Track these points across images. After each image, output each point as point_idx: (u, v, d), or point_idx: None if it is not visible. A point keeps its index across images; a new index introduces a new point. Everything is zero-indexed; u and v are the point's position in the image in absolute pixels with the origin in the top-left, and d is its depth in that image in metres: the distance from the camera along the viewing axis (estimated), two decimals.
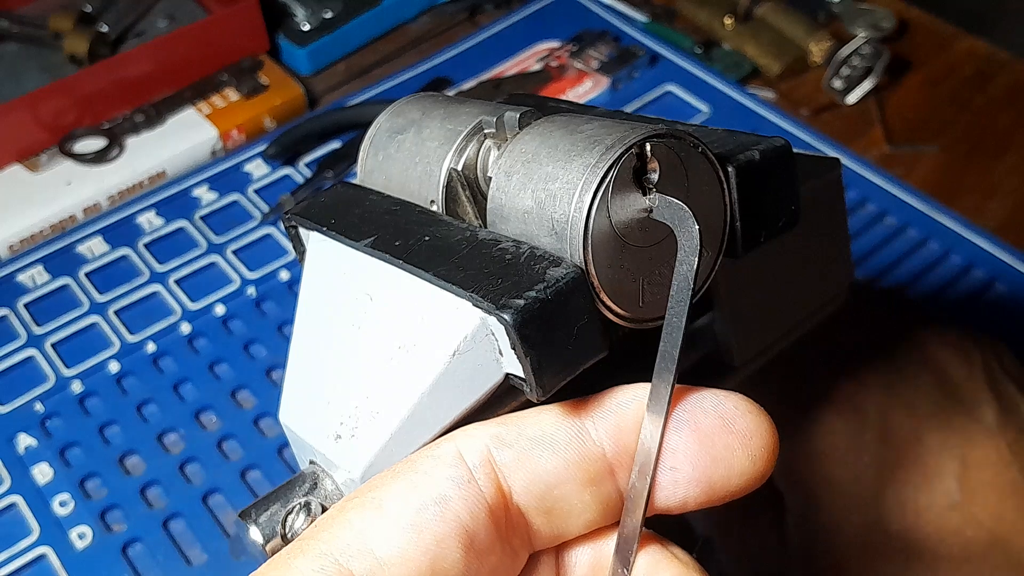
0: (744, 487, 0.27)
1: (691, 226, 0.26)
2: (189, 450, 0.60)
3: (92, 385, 0.63)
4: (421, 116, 0.33)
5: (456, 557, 0.25)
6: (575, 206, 0.26)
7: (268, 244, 0.72)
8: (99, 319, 0.67)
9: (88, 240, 0.72)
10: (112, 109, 0.79)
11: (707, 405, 0.27)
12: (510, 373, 0.27)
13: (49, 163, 0.76)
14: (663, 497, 0.27)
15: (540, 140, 0.28)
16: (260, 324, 0.66)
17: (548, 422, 0.27)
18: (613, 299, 0.27)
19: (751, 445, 0.26)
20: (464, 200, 0.30)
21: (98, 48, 0.82)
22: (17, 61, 0.83)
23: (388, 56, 0.88)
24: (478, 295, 0.26)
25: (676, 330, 0.26)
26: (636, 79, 0.82)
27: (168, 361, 0.65)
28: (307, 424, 0.30)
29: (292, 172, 0.76)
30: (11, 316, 0.67)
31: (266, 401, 0.62)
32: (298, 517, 0.29)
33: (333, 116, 0.78)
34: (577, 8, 0.89)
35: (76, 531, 0.56)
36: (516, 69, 0.83)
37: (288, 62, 0.86)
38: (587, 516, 0.27)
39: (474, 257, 0.27)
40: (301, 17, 0.87)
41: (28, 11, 0.86)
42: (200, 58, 0.81)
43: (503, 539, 0.26)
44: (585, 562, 0.28)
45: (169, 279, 0.69)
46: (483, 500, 0.25)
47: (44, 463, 0.60)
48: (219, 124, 0.79)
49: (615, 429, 0.27)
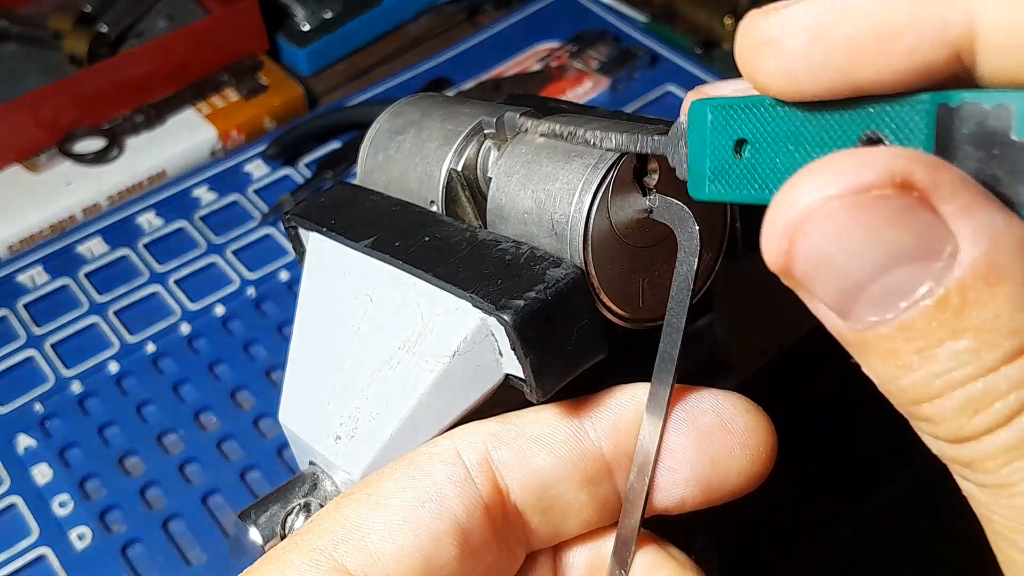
0: (743, 487, 0.27)
1: (691, 227, 0.26)
2: (189, 451, 0.60)
3: (92, 386, 0.63)
4: (421, 117, 0.33)
5: (451, 554, 0.25)
6: (575, 206, 0.26)
7: (268, 244, 0.72)
8: (99, 319, 0.67)
9: (88, 240, 0.72)
10: (112, 109, 0.79)
11: (706, 405, 0.27)
12: (510, 374, 0.27)
13: (49, 163, 0.76)
14: (661, 497, 0.27)
15: (543, 140, 0.28)
16: (260, 324, 0.66)
17: (546, 421, 0.27)
18: (613, 300, 0.27)
19: (749, 445, 0.26)
20: (464, 201, 0.30)
21: (98, 48, 0.82)
22: (17, 61, 0.83)
23: (388, 56, 0.88)
24: (478, 296, 0.26)
25: (676, 331, 0.26)
26: (636, 79, 0.82)
27: (168, 361, 0.65)
28: (307, 425, 0.30)
29: (292, 172, 0.76)
30: (11, 316, 0.67)
31: (266, 402, 0.62)
32: (297, 518, 0.29)
33: (333, 116, 0.78)
34: (577, 8, 0.89)
35: (76, 532, 0.56)
36: (516, 69, 0.83)
37: (288, 62, 0.86)
38: (584, 516, 0.27)
39: (474, 258, 0.27)
40: (301, 17, 0.87)
41: (28, 11, 0.86)
42: (200, 58, 0.81)
43: (499, 538, 0.26)
44: (583, 562, 0.28)
45: (169, 279, 0.69)
46: (479, 498, 0.25)
47: (44, 463, 0.59)
48: (219, 124, 0.79)
49: (613, 429, 0.27)
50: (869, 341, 0.18)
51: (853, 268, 0.18)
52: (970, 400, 0.18)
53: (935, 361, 0.18)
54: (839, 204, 0.18)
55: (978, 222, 0.17)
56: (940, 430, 0.18)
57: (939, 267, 0.17)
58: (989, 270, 0.17)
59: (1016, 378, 0.17)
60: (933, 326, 0.18)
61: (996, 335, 0.17)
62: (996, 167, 0.18)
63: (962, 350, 0.17)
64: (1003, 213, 0.17)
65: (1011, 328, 0.17)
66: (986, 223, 0.17)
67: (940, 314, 0.17)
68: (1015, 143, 0.17)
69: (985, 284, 0.17)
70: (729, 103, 0.22)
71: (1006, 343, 0.17)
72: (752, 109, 0.22)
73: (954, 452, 0.19)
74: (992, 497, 0.18)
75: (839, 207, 0.18)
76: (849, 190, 0.18)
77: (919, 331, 0.18)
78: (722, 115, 0.22)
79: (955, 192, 0.17)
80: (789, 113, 0.21)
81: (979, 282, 0.17)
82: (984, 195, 0.18)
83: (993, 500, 0.18)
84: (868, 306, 0.18)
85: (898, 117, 0.19)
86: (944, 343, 0.18)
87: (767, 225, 0.19)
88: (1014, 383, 0.17)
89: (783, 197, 0.18)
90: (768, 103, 0.21)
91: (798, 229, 0.18)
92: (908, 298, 0.18)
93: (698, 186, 0.23)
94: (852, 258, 0.18)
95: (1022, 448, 0.18)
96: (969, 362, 0.17)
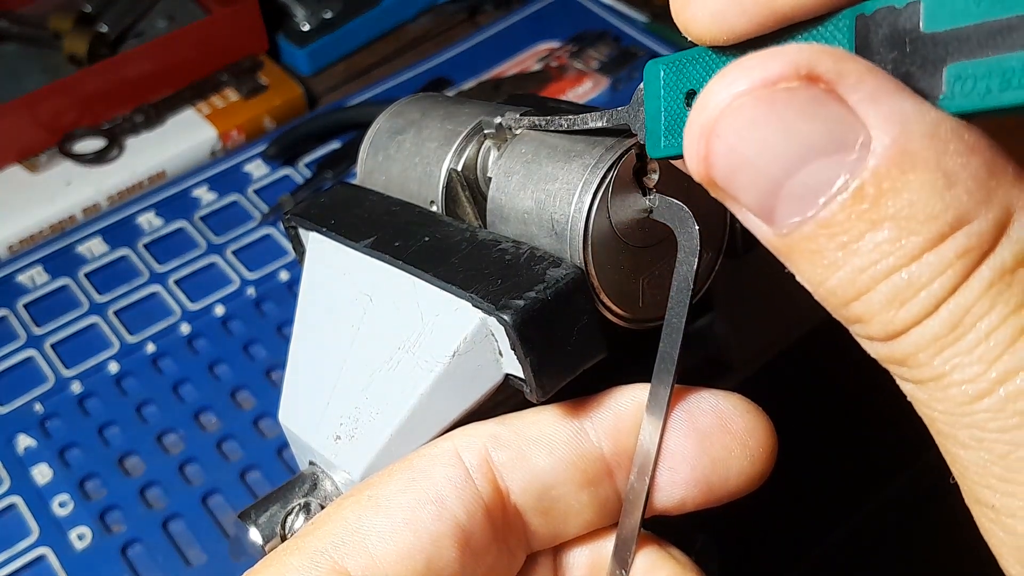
0: (743, 488, 0.27)
1: (691, 226, 0.26)
2: (189, 451, 0.60)
3: (92, 386, 0.63)
4: (421, 117, 0.33)
5: (452, 556, 0.25)
6: (575, 206, 0.26)
7: (268, 244, 0.72)
8: (99, 319, 0.67)
9: (88, 240, 0.72)
10: (112, 109, 0.79)
11: (705, 406, 0.27)
12: (510, 374, 0.27)
13: (49, 163, 0.76)
14: (661, 498, 0.27)
15: (540, 140, 0.28)
16: (260, 324, 0.66)
17: (546, 422, 0.27)
18: (613, 300, 0.27)
19: (749, 445, 0.26)
20: (464, 201, 0.30)
21: (98, 48, 0.82)
22: (17, 61, 0.83)
23: (388, 56, 0.88)
24: (478, 296, 0.26)
25: (676, 331, 0.26)
26: (636, 79, 0.82)
27: (168, 361, 0.65)
28: (307, 425, 0.30)
29: (292, 172, 0.76)
30: (11, 316, 0.67)
31: (266, 402, 0.62)
32: (297, 518, 0.29)
33: (333, 116, 0.78)
34: (577, 8, 0.89)
35: (76, 532, 0.56)
36: (516, 69, 0.83)
37: (288, 62, 0.86)
38: (585, 517, 0.27)
39: (474, 258, 0.27)
40: (301, 17, 0.87)
41: (28, 11, 0.86)
42: (200, 58, 0.81)
43: (500, 539, 0.26)
44: (583, 563, 0.28)
45: (169, 279, 0.69)
46: (480, 500, 0.25)
47: (44, 464, 0.59)
48: (219, 124, 0.79)
49: (614, 430, 0.27)
50: (795, 244, 0.18)
51: (768, 165, 0.18)
52: (896, 292, 0.17)
53: (858, 255, 0.17)
54: (748, 99, 0.18)
55: (887, 109, 0.17)
56: (872, 328, 0.18)
57: (853, 159, 0.17)
58: (902, 157, 0.17)
59: (937, 264, 0.17)
60: (852, 219, 0.17)
61: (914, 222, 0.17)
62: (909, 63, 0.18)
63: (882, 240, 0.17)
64: (913, 100, 0.17)
65: (928, 214, 0.17)
66: (895, 110, 0.17)
67: (857, 206, 0.17)
68: (924, 36, 0.17)
69: (899, 171, 0.17)
70: (679, 57, 0.23)
71: (925, 229, 0.17)
72: (698, 59, 0.22)
73: (887, 351, 0.18)
74: (929, 393, 0.18)
75: (747, 102, 0.18)
76: (758, 84, 0.18)
77: (840, 225, 0.17)
78: (673, 70, 0.23)
79: (861, 80, 0.17)
80: (729, 57, 0.21)
81: (893, 170, 0.17)
82: (892, 82, 0.17)
83: (930, 396, 0.18)
84: (788, 205, 0.18)
85: (823, 38, 0.19)
86: (865, 235, 0.17)
87: (686, 134, 0.19)
88: (937, 270, 0.17)
89: (698, 103, 0.19)
90: (712, 51, 0.22)
91: (712, 130, 0.18)
92: (826, 193, 0.17)
93: (654, 144, 0.24)
94: (766, 155, 0.18)
95: (951, 336, 0.17)
96: (891, 252, 0.17)
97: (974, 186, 0.17)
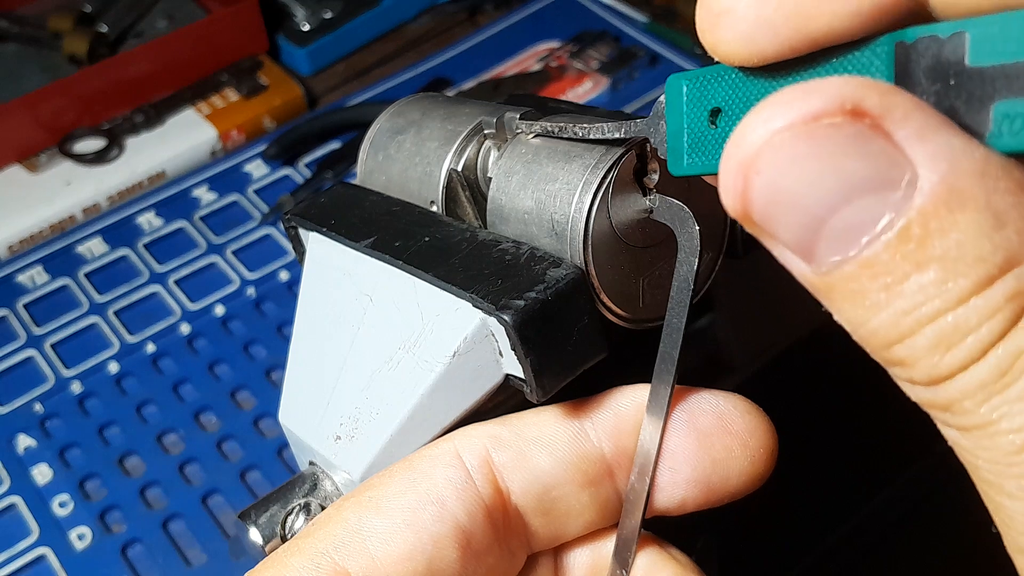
0: (743, 488, 0.27)
1: (692, 227, 0.26)
2: (189, 451, 0.60)
3: (92, 386, 0.63)
4: (421, 117, 0.33)
5: (453, 557, 0.25)
6: (575, 206, 0.26)
7: (268, 244, 0.72)
8: (99, 319, 0.67)
9: (88, 240, 0.72)
10: (112, 109, 0.79)
11: (706, 406, 0.27)
12: (510, 374, 0.27)
13: (49, 163, 0.76)
14: (662, 498, 0.27)
15: (540, 140, 0.28)
16: (260, 325, 0.66)
17: (547, 423, 0.27)
18: (613, 300, 0.27)
19: (750, 445, 0.26)
20: (464, 201, 0.30)
21: (98, 48, 0.82)
22: (17, 61, 0.83)
23: (388, 56, 0.88)
24: (478, 296, 0.26)
25: (676, 331, 0.26)
26: (636, 79, 0.82)
27: (168, 362, 0.65)
28: (307, 425, 0.30)
29: (292, 172, 0.76)
30: (11, 316, 0.67)
31: (266, 402, 0.62)
32: (298, 518, 0.29)
33: (333, 116, 0.78)
34: (577, 8, 0.89)
35: (76, 532, 0.56)
36: (516, 69, 0.83)
37: (288, 62, 0.86)
38: (585, 517, 0.27)
39: (474, 258, 0.27)
40: (301, 17, 0.87)
41: (28, 11, 0.86)
42: (200, 58, 0.81)
43: (501, 540, 0.26)
44: (584, 564, 0.28)
45: (169, 279, 0.69)
46: (480, 501, 0.25)
47: (44, 464, 0.59)
48: (219, 124, 0.79)
49: (614, 430, 0.27)
50: (835, 283, 0.18)
51: (810, 202, 0.17)
52: (941, 336, 0.17)
53: (902, 297, 0.17)
54: (789, 135, 0.17)
55: (935, 146, 0.16)
56: (915, 372, 0.17)
57: (898, 196, 0.17)
58: (950, 196, 0.16)
59: (986, 308, 0.16)
60: (897, 259, 0.17)
61: (961, 264, 0.16)
62: (954, 97, 0.17)
63: (928, 283, 0.17)
64: (960, 137, 0.17)
65: (976, 255, 0.16)
66: (943, 147, 0.16)
67: (903, 246, 0.17)
68: (970, 70, 0.17)
69: (947, 211, 0.16)
70: (703, 73, 0.22)
71: (973, 272, 0.16)
72: (723, 77, 0.22)
73: (931, 396, 0.18)
74: (974, 440, 0.17)
75: (790, 138, 0.17)
76: (799, 120, 0.17)
77: (883, 266, 0.17)
78: (697, 86, 0.22)
79: (908, 116, 0.17)
80: (757, 77, 0.21)
81: (940, 209, 0.16)
82: (939, 118, 0.17)
83: (976, 443, 0.17)
84: (830, 244, 0.17)
85: (859, 64, 0.19)
86: (910, 277, 0.17)
87: (722, 169, 0.18)
88: (984, 314, 0.16)
89: (735, 138, 0.18)
90: (737, 70, 0.21)
91: (751, 166, 0.18)
92: (869, 232, 0.17)
93: (677, 160, 0.23)
94: (808, 191, 0.17)
95: (999, 383, 0.17)
96: (937, 295, 0.17)
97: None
